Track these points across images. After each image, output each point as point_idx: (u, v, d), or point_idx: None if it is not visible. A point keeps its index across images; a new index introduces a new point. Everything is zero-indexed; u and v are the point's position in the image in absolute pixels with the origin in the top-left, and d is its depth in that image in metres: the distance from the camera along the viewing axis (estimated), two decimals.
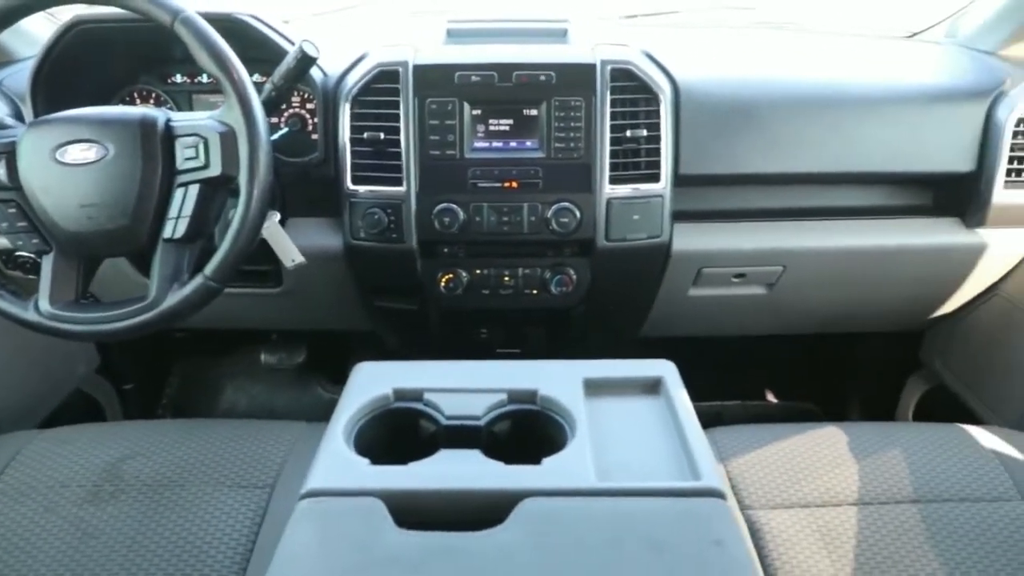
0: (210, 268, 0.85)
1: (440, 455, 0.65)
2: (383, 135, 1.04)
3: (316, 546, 0.56)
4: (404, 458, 0.64)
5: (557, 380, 0.74)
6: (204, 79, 1.15)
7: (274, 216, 0.98)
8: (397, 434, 0.72)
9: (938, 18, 1.34)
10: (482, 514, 0.58)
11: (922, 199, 1.19)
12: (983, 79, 1.13)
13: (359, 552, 0.55)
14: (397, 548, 0.56)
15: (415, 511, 0.59)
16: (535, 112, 1.05)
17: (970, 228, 1.16)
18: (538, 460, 0.64)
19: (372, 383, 0.74)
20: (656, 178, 1.06)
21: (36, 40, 1.18)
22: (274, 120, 1.12)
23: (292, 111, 1.13)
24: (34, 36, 1.20)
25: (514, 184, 1.05)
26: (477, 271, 1.12)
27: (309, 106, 1.12)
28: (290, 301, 1.22)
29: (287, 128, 1.09)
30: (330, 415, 0.71)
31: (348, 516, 0.58)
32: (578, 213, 1.05)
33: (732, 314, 1.31)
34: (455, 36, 1.18)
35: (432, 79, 1.04)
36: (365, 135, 1.04)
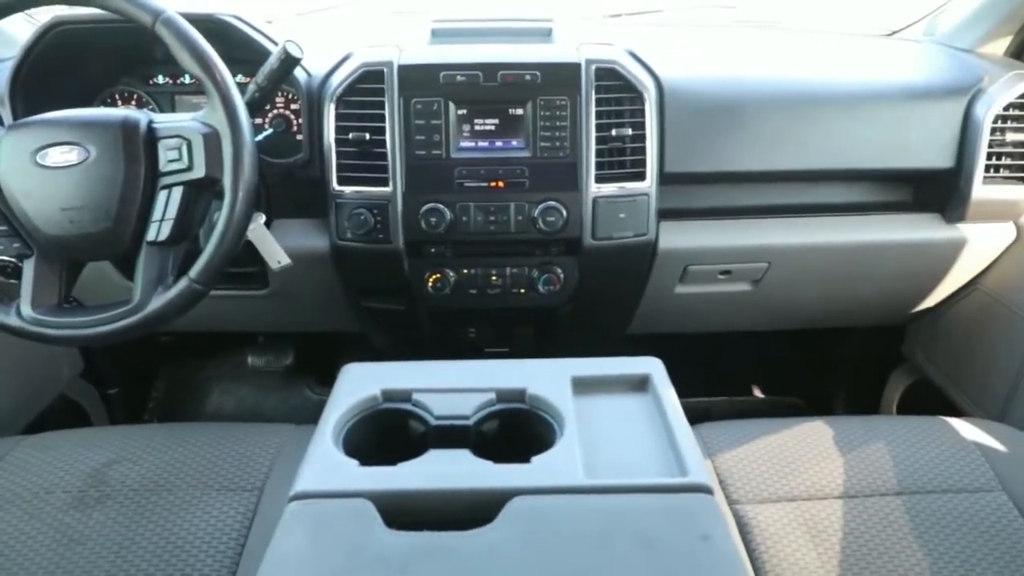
0: (195, 271, 0.84)
1: (429, 455, 0.65)
2: (368, 135, 1.04)
3: (306, 548, 0.56)
4: (393, 459, 0.64)
5: (545, 379, 0.74)
6: (186, 80, 1.14)
7: (259, 218, 0.97)
8: (386, 435, 0.72)
9: (916, 16, 1.36)
10: (472, 513, 0.58)
11: (903, 195, 1.21)
12: (961, 77, 1.15)
13: (349, 553, 0.55)
14: (387, 549, 0.56)
15: (405, 511, 0.59)
16: (520, 111, 1.05)
17: (950, 223, 1.18)
18: (527, 459, 0.64)
19: (360, 384, 0.74)
20: (642, 176, 1.06)
21: (13, 40, 1.16)
22: (258, 121, 1.11)
23: (276, 112, 1.12)
24: (11, 36, 1.18)
25: (500, 184, 1.05)
26: (464, 271, 1.12)
27: (293, 106, 1.11)
28: (276, 303, 1.22)
29: (271, 129, 1.09)
30: (318, 417, 0.70)
31: (337, 518, 0.58)
32: (564, 212, 1.05)
33: (718, 311, 1.32)
34: (440, 36, 1.18)
35: (417, 79, 1.04)
36: (350, 135, 1.04)
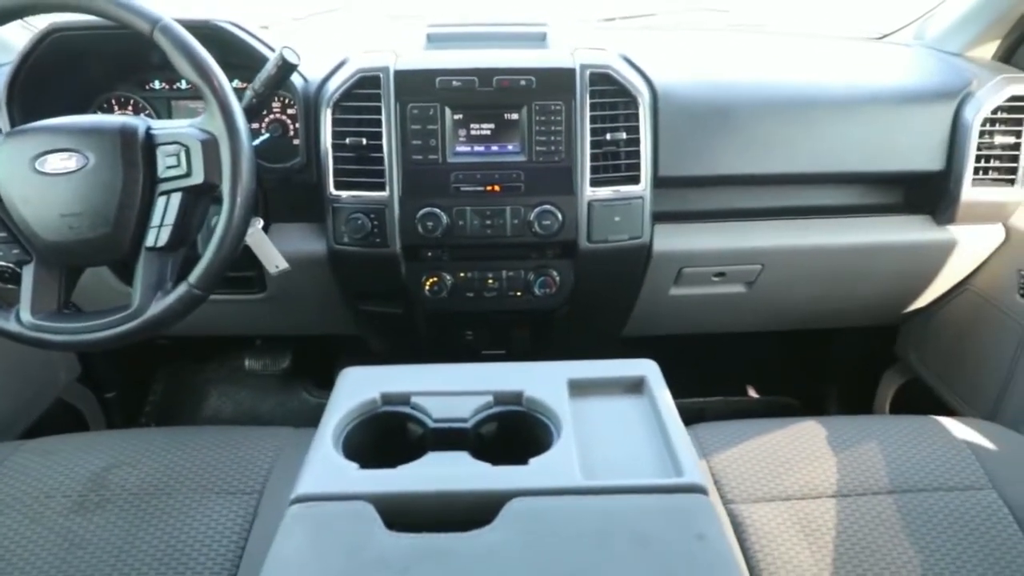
0: (194, 276, 0.85)
1: (428, 458, 0.66)
2: (365, 140, 1.05)
3: (307, 550, 0.57)
4: (393, 461, 0.65)
5: (542, 381, 0.75)
6: (182, 85, 1.15)
7: (257, 223, 0.98)
8: (385, 438, 0.72)
9: (906, 20, 1.38)
10: (471, 515, 0.59)
11: (894, 197, 1.22)
12: (950, 80, 1.16)
13: (350, 555, 0.56)
14: (387, 550, 0.56)
15: (405, 514, 0.60)
16: (516, 116, 1.06)
17: (940, 225, 1.19)
18: (525, 460, 0.65)
19: (359, 388, 0.74)
20: (636, 180, 1.08)
21: (9, 46, 1.16)
22: (255, 125, 1.11)
23: (273, 116, 1.12)
24: (7, 42, 1.18)
25: (496, 188, 1.06)
26: (461, 274, 1.13)
27: (290, 111, 1.12)
28: (274, 307, 1.22)
29: (268, 134, 1.09)
30: (316, 420, 0.71)
31: (338, 520, 0.59)
32: (560, 215, 1.06)
33: (713, 312, 1.33)
34: (435, 41, 1.19)
35: (413, 84, 1.04)
36: (347, 140, 1.05)
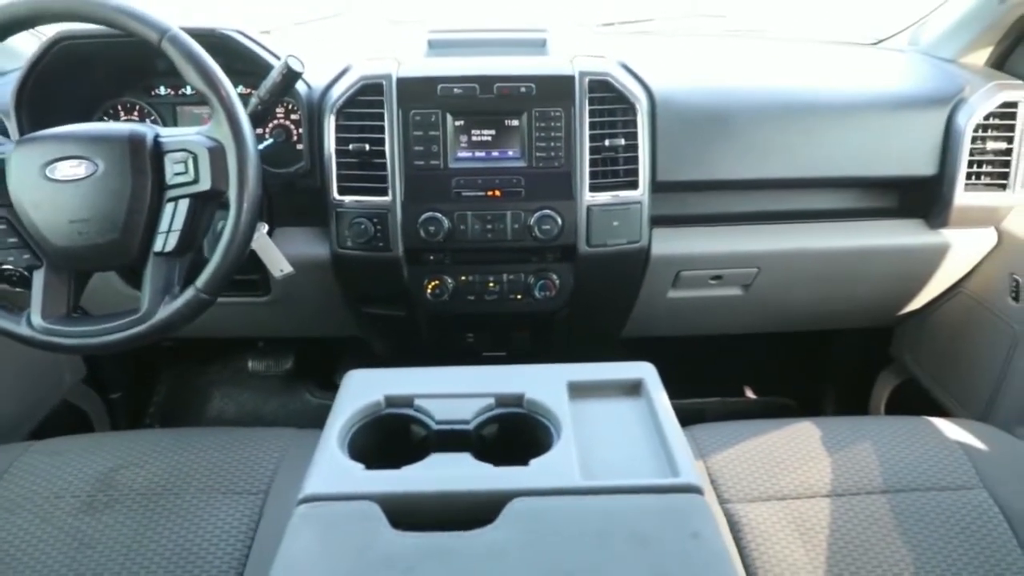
0: (202, 280, 0.86)
1: (432, 459, 0.67)
2: (368, 146, 1.06)
3: (316, 549, 0.58)
4: (397, 462, 0.67)
5: (542, 384, 0.76)
6: (188, 91, 1.16)
7: (263, 228, 0.99)
8: (389, 439, 0.74)
9: (901, 26, 1.39)
10: (473, 514, 0.60)
11: (888, 202, 1.24)
12: (944, 86, 1.18)
13: (357, 554, 0.58)
14: (393, 549, 0.58)
15: (409, 513, 0.61)
16: (516, 122, 1.07)
17: (934, 229, 1.21)
18: (526, 461, 0.66)
19: (363, 390, 0.76)
20: (634, 185, 1.09)
21: (17, 53, 1.18)
22: (259, 131, 1.13)
23: (277, 122, 1.14)
24: (15, 50, 1.20)
25: (497, 193, 1.08)
26: (463, 278, 1.14)
27: (294, 117, 1.13)
28: (278, 309, 1.24)
29: (272, 139, 1.11)
30: (318, 421, 0.72)
31: (345, 520, 0.60)
32: (560, 220, 1.08)
33: (710, 315, 1.34)
34: (436, 47, 1.20)
35: (415, 91, 1.06)
36: (350, 146, 1.06)
